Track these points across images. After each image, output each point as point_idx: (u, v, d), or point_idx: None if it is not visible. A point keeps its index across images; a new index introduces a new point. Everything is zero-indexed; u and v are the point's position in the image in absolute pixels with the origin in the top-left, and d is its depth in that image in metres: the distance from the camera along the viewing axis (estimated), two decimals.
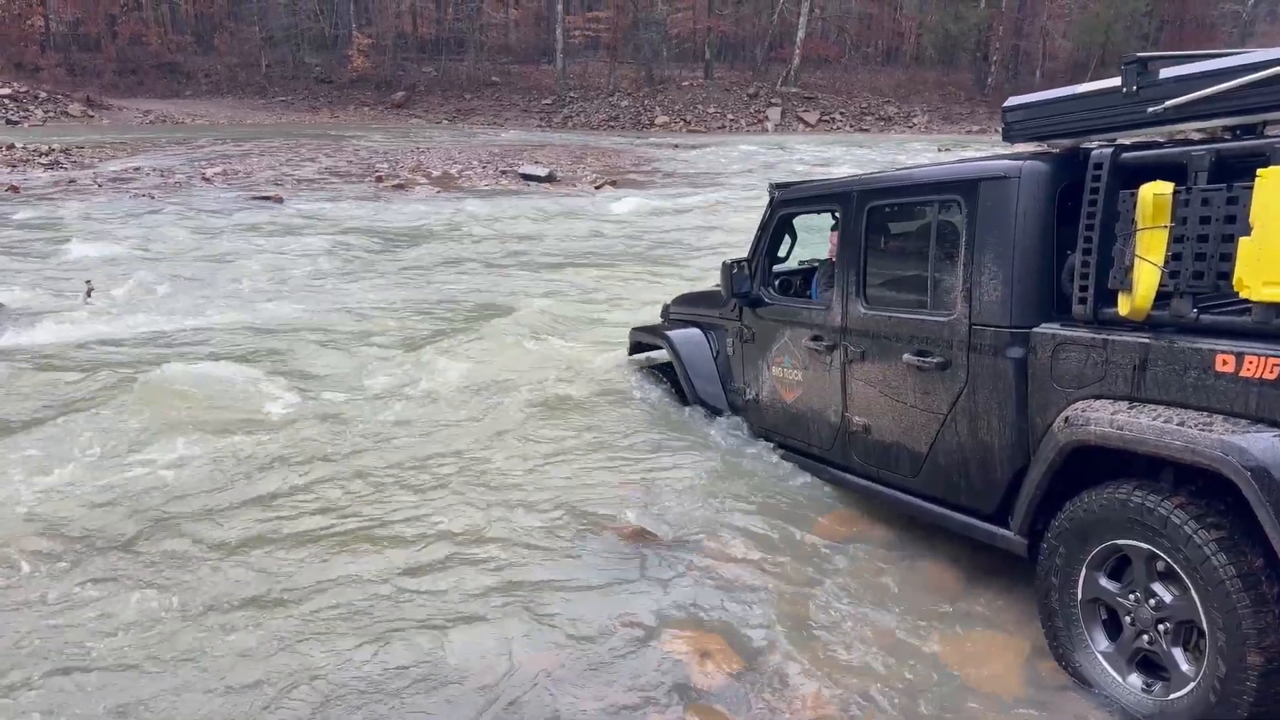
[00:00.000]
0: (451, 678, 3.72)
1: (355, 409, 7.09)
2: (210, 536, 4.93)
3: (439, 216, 19.12)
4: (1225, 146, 3.30)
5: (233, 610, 4.18)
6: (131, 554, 4.73)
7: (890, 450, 4.88)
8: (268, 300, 11.40)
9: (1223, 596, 3.09)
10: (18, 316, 10.07)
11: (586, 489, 5.60)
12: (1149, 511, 3.32)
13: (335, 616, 4.13)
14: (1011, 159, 4.17)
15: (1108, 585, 3.61)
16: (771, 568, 4.69)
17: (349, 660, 3.81)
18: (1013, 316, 4.02)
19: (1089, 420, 3.55)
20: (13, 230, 16.10)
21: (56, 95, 44.50)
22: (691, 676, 3.78)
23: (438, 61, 59.50)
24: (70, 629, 4.04)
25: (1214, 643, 3.15)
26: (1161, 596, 3.38)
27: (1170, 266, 3.32)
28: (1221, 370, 3.16)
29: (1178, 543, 3.22)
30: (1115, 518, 3.47)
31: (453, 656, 3.85)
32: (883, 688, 3.75)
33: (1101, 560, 3.61)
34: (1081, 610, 3.70)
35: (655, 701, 3.63)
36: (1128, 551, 3.49)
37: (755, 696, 3.69)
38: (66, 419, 6.69)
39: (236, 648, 3.89)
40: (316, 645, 3.91)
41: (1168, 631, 3.39)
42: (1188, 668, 3.32)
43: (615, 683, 3.73)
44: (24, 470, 5.78)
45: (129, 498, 5.41)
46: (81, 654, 3.86)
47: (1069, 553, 3.69)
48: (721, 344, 6.67)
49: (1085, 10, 57.88)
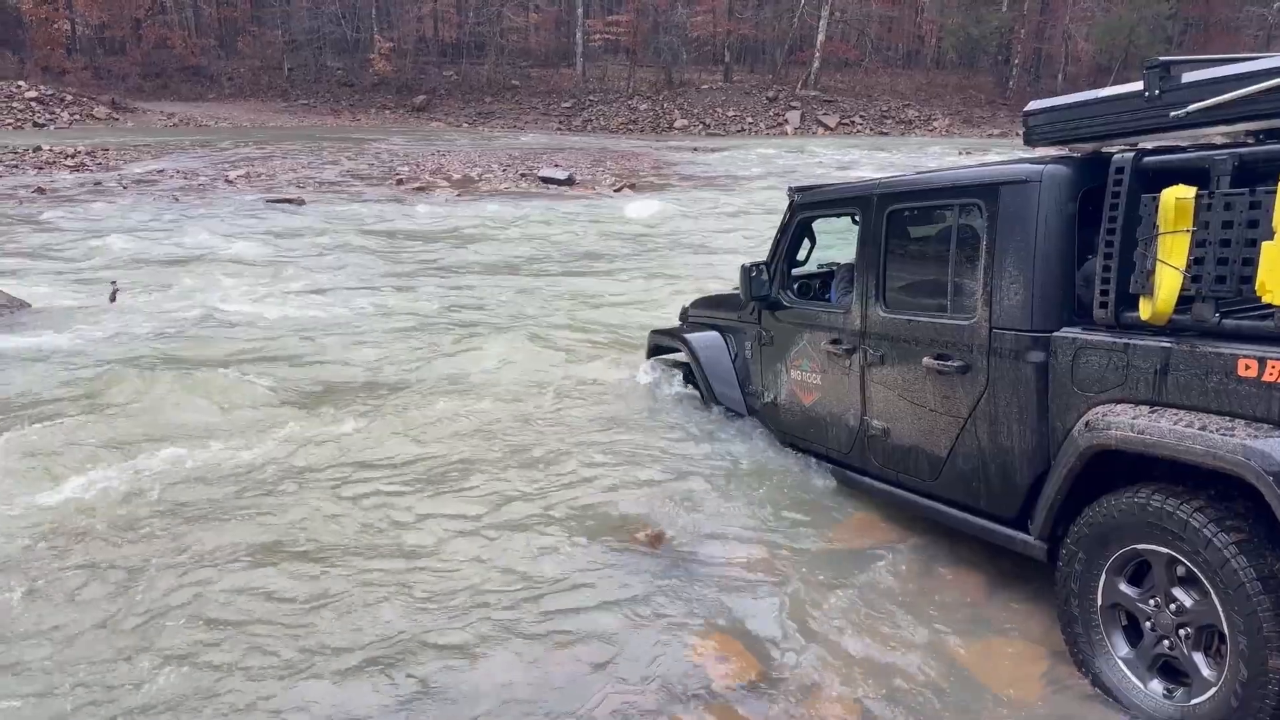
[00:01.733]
0: (471, 681, 3.73)
1: (373, 410, 7.12)
2: (220, 540, 4.92)
3: (459, 219, 19.22)
4: (1248, 151, 3.29)
5: (241, 610, 4.20)
6: (146, 564, 4.72)
7: (909, 454, 4.88)
8: (291, 302, 11.49)
9: (1244, 600, 3.08)
10: (45, 316, 10.20)
11: (606, 492, 5.62)
12: (1169, 515, 3.31)
13: (351, 619, 4.14)
14: (1033, 163, 4.15)
15: (1128, 590, 3.60)
16: (791, 572, 4.68)
17: (365, 661, 3.83)
18: (1033, 320, 4.01)
19: (1110, 424, 3.54)
20: (40, 231, 16.31)
21: (82, 98, 44.79)
22: (711, 680, 3.78)
23: (458, 65, 59.62)
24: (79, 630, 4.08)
25: (1235, 647, 3.14)
26: (1182, 601, 3.37)
27: (1192, 271, 3.31)
28: (1244, 375, 3.15)
29: (1198, 546, 3.21)
30: (1135, 522, 3.46)
31: (472, 659, 3.86)
32: (904, 694, 3.74)
33: (1121, 565, 3.60)
34: (1101, 615, 3.69)
35: (675, 705, 3.63)
36: (1148, 556, 3.48)
37: (775, 701, 3.68)
38: (89, 418, 6.73)
39: (244, 651, 3.91)
40: (329, 648, 3.91)
41: (1188, 636, 3.38)
42: (1209, 672, 3.31)
43: (635, 686, 3.74)
44: (44, 467, 5.83)
45: (147, 497, 5.45)
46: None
47: (1089, 558, 3.68)
48: (740, 347, 6.67)
49: (1108, 13, 57.44)
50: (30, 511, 5.26)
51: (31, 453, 6.06)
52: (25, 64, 50.14)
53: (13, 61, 49.94)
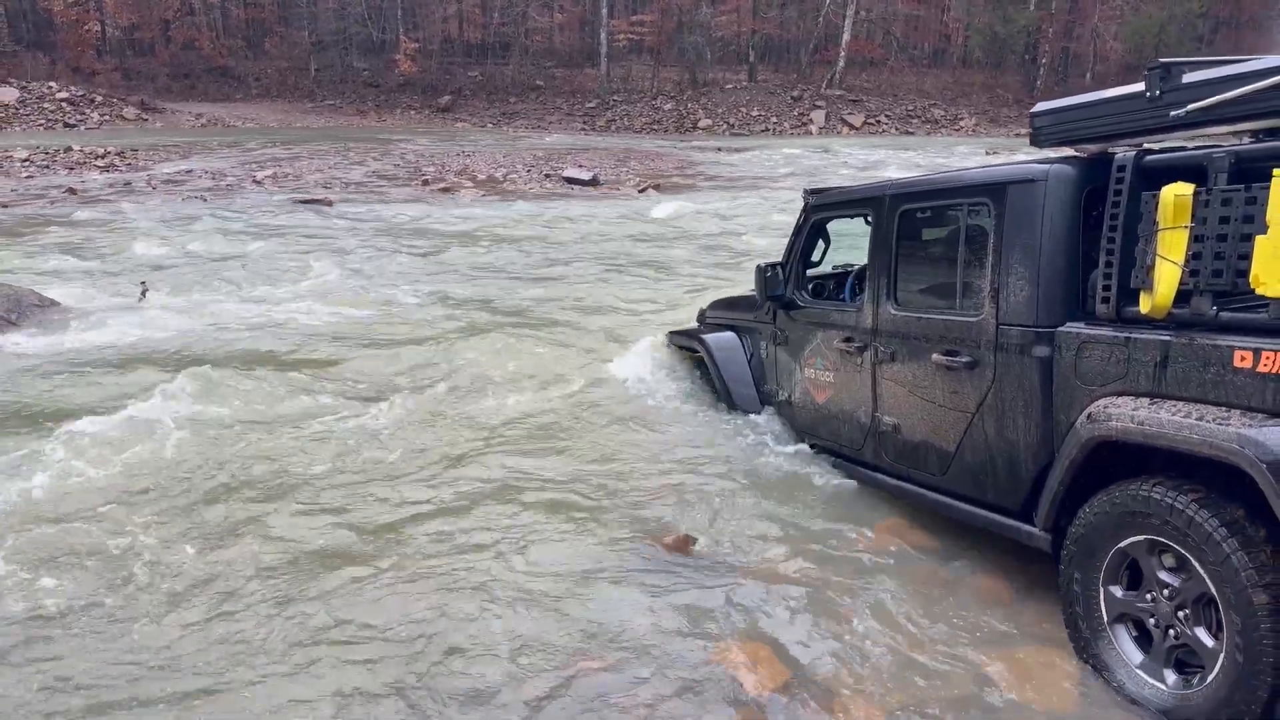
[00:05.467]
0: (498, 685, 3.76)
1: (399, 410, 7.16)
2: (238, 538, 5.00)
3: (485, 220, 19.27)
4: (1244, 149, 3.37)
5: (253, 612, 4.27)
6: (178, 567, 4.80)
7: (919, 449, 4.97)
8: (319, 301, 11.54)
9: (1239, 590, 3.15)
10: (75, 315, 10.30)
11: (631, 495, 5.66)
12: (1169, 507, 3.39)
13: (371, 624, 4.17)
14: (1040, 163, 4.24)
15: (1126, 597, 3.69)
16: (819, 578, 4.68)
17: (384, 657, 3.89)
18: (1039, 316, 4.10)
19: (1111, 416, 3.63)
20: (70, 230, 16.46)
21: (112, 99, 45.29)
22: (740, 686, 3.80)
23: (483, 65, 59.94)
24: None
25: (1231, 629, 3.22)
26: (1173, 584, 3.47)
27: (1190, 265, 3.40)
28: (1239, 366, 3.23)
29: (1199, 540, 3.29)
30: (1138, 512, 3.54)
31: (499, 664, 3.89)
32: (931, 701, 3.75)
33: (1116, 571, 3.70)
34: (1110, 629, 3.77)
35: (704, 710, 3.65)
36: (1131, 550, 3.59)
37: (803, 707, 3.70)
38: (118, 415, 6.81)
39: (269, 641, 4.01)
40: (351, 654, 3.95)
41: (1188, 617, 3.46)
42: (1212, 644, 3.38)
43: (663, 690, 3.76)
44: (68, 464, 5.91)
45: (173, 496, 5.56)
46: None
47: (1092, 549, 3.76)
48: (755, 347, 6.77)
49: (1138, 12, 57.08)
50: (79, 498, 5.43)
51: (70, 450, 6.12)
52: (56, 65, 50.79)
53: (44, 63, 50.58)
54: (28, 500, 5.41)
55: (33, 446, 6.19)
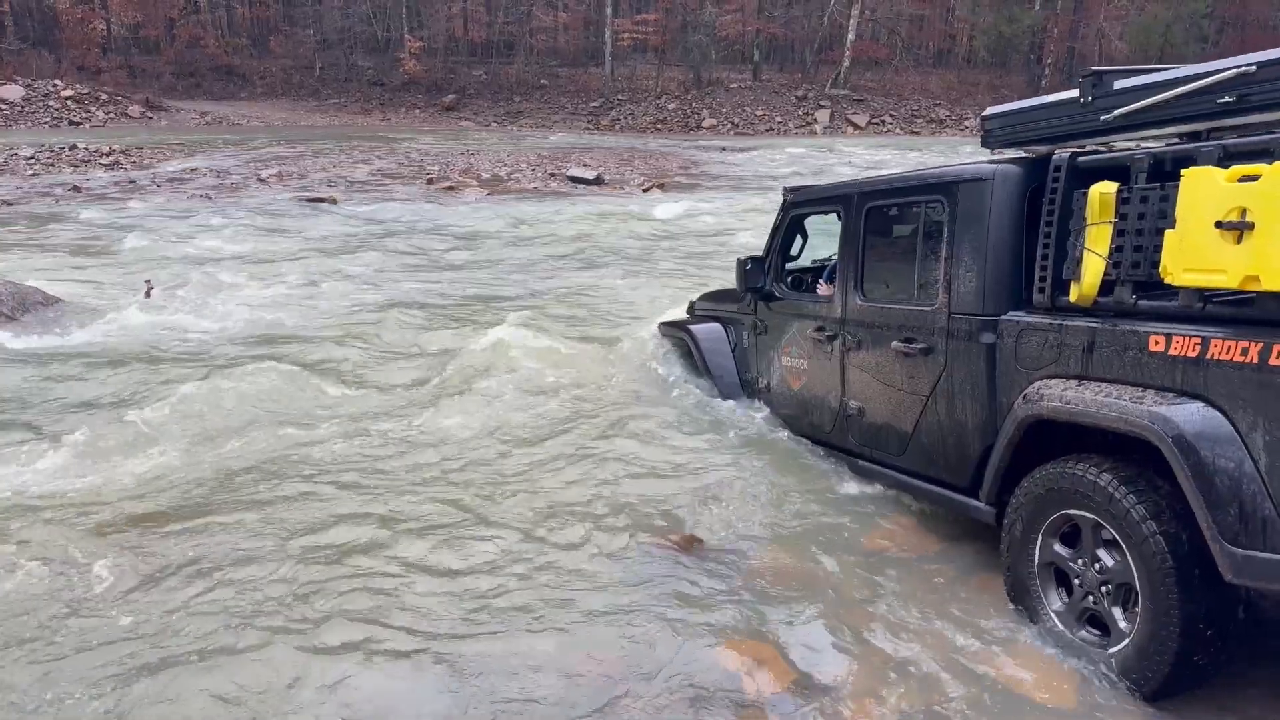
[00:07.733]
0: (501, 684, 3.80)
1: (401, 410, 7.26)
2: (238, 537, 5.06)
3: (489, 218, 19.31)
4: (1160, 150, 3.68)
5: (253, 612, 4.30)
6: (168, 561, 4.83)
7: (881, 431, 5.30)
8: (323, 300, 11.63)
9: (1149, 556, 3.46)
10: (79, 313, 10.37)
11: (634, 494, 5.75)
12: (1090, 482, 3.70)
13: (377, 623, 4.22)
14: (990, 163, 4.56)
15: (1061, 551, 3.99)
16: (824, 577, 4.76)
17: (392, 653, 3.98)
18: (985, 305, 4.41)
19: (1043, 396, 3.95)
20: (75, 229, 16.54)
21: (117, 97, 45.40)
22: (744, 686, 3.85)
23: (487, 64, 60.10)
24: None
25: (1144, 603, 3.53)
26: (1105, 562, 3.75)
27: (1114, 258, 3.71)
28: (1154, 349, 3.53)
29: (1118, 514, 3.59)
30: (1066, 489, 3.85)
31: (501, 663, 3.92)
32: (937, 701, 3.78)
33: (1056, 529, 3.99)
34: (1039, 573, 4.09)
35: (707, 710, 3.69)
36: (1078, 521, 3.87)
37: (808, 708, 3.73)
38: (121, 412, 6.96)
39: (270, 640, 4.07)
40: (360, 653, 3.99)
41: (1109, 593, 3.77)
42: (1124, 625, 3.70)
43: (667, 690, 3.80)
44: (74, 463, 6.05)
45: (179, 491, 5.67)
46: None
47: (1027, 522, 4.08)
48: (739, 337, 7.09)
49: (1143, 12, 57.09)
50: (86, 496, 5.54)
51: (76, 449, 6.26)
52: (61, 63, 50.91)
53: (49, 61, 50.75)
54: (27, 495, 5.50)
55: (35, 442, 6.33)
